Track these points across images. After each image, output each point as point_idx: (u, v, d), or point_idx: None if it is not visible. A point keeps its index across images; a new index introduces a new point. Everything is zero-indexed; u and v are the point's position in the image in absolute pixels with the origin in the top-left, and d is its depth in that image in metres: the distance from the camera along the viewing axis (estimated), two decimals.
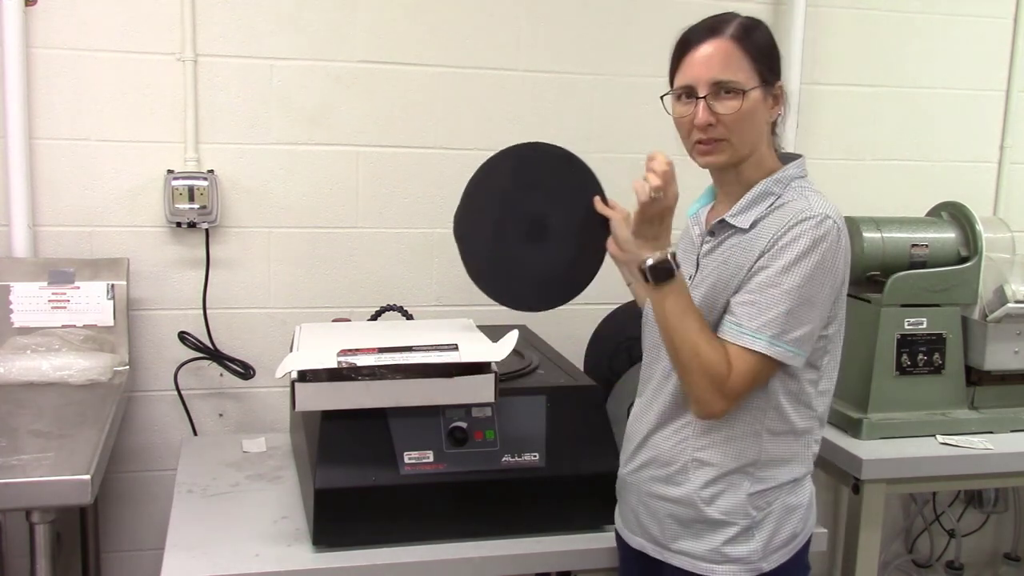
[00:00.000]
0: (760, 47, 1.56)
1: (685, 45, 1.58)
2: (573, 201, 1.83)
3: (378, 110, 2.56)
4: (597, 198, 1.83)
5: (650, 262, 1.51)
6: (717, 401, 1.51)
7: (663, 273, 1.51)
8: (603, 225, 1.82)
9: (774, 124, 1.63)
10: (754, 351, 1.49)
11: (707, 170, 1.65)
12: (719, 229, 1.62)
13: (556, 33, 2.66)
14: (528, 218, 1.83)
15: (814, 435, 1.63)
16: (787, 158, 1.64)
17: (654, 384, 1.67)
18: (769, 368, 1.52)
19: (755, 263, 1.52)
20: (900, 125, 2.98)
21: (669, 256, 1.51)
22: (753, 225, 1.56)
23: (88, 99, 2.38)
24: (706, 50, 1.55)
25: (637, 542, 1.70)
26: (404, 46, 2.56)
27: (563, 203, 1.84)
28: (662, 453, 1.64)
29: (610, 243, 1.81)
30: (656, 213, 1.51)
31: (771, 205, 1.56)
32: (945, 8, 2.96)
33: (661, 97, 1.65)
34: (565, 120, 2.69)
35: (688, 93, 1.57)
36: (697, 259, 1.65)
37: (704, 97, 1.54)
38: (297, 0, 2.47)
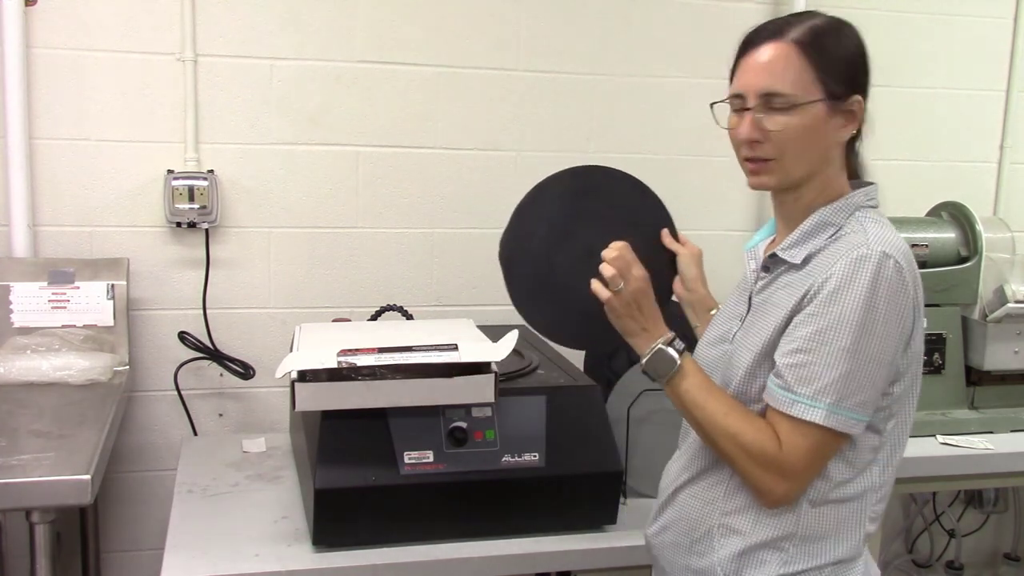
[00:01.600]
0: (831, 54, 1.35)
1: (746, 46, 1.41)
2: (637, 233, 1.63)
3: (378, 110, 2.56)
4: (666, 231, 1.71)
5: (645, 360, 1.40)
6: (777, 484, 1.31)
7: (665, 364, 1.38)
8: (671, 262, 1.70)
9: (852, 144, 1.42)
10: (812, 423, 1.28)
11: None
12: (772, 264, 1.42)
13: (556, 33, 2.66)
14: (583, 247, 1.62)
15: (868, 512, 1.38)
16: (859, 185, 1.43)
17: (691, 436, 1.48)
18: (832, 440, 1.31)
19: (801, 306, 1.32)
20: (900, 125, 2.98)
21: (662, 345, 1.39)
22: (807, 260, 1.35)
23: (88, 99, 2.38)
24: (763, 55, 1.36)
25: None
26: (404, 46, 2.56)
27: (625, 234, 1.61)
28: (687, 514, 1.45)
29: (677, 283, 1.70)
30: (627, 304, 1.41)
31: (830, 237, 1.36)
32: (945, 8, 2.96)
33: (711, 105, 1.47)
34: (565, 120, 2.69)
35: (740, 104, 1.39)
36: (750, 298, 1.46)
37: (752, 109, 1.36)
38: (297, 0, 2.47)
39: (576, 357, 2.32)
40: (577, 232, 1.69)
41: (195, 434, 2.53)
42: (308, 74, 2.51)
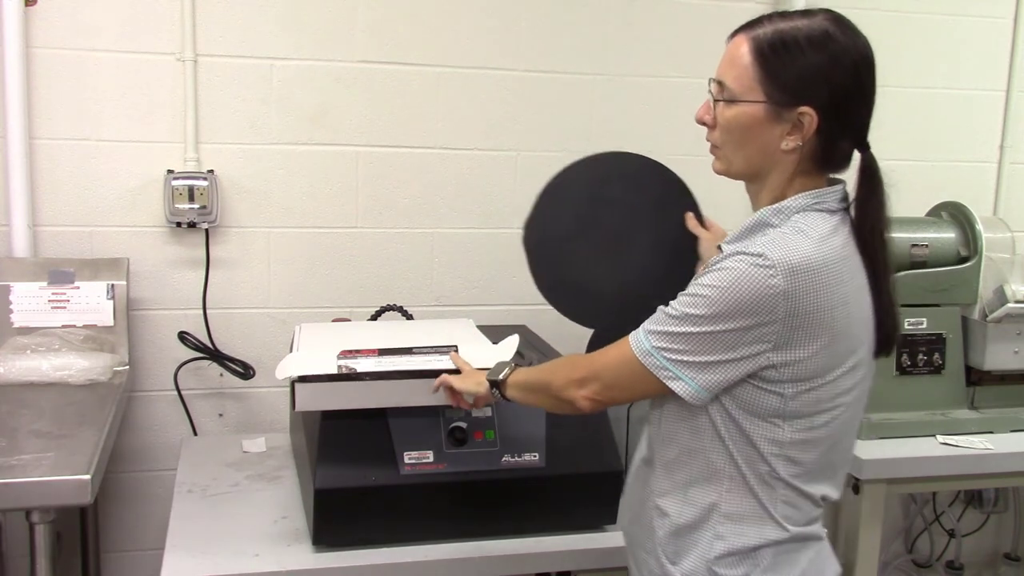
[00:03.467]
0: (783, 61, 1.32)
1: (734, 32, 1.42)
2: (661, 217, 1.68)
3: (378, 110, 2.56)
4: (690, 215, 1.70)
5: (493, 393, 1.63)
6: (573, 386, 1.44)
7: (494, 385, 1.62)
8: (694, 246, 1.69)
9: (820, 156, 1.37)
10: (630, 345, 1.36)
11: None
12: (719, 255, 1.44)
13: (556, 33, 2.66)
14: (607, 233, 1.67)
15: (778, 488, 1.37)
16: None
17: (645, 429, 1.54)
18: (642, 375, 1.35)
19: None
20: (900, 125, 2.98)
21: (485, 390, 1.62)
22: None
23: (88, 99, 2.38)
24: (731, 44, 1.39)
25: None
26: (404, 46, 2.56)
27: (648, 219, 1.68)
28: (633, 498, 1.53)
29: (700, 267, 1.65)
30: (461, 383, 1.67)
31: (762, 236, 1.35)
32: (945, 8, 2.95)
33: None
34: (565, 120, 2.69)
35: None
36: None
37: (714, 97, 1.40)
38: (297, 0, 2.47)
39: None
40: (599, 218, 1.70)
41: (195, 434, 2.52)
42: (308, 74, 2.51)
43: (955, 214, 2.43)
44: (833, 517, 3.02)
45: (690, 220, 1.71)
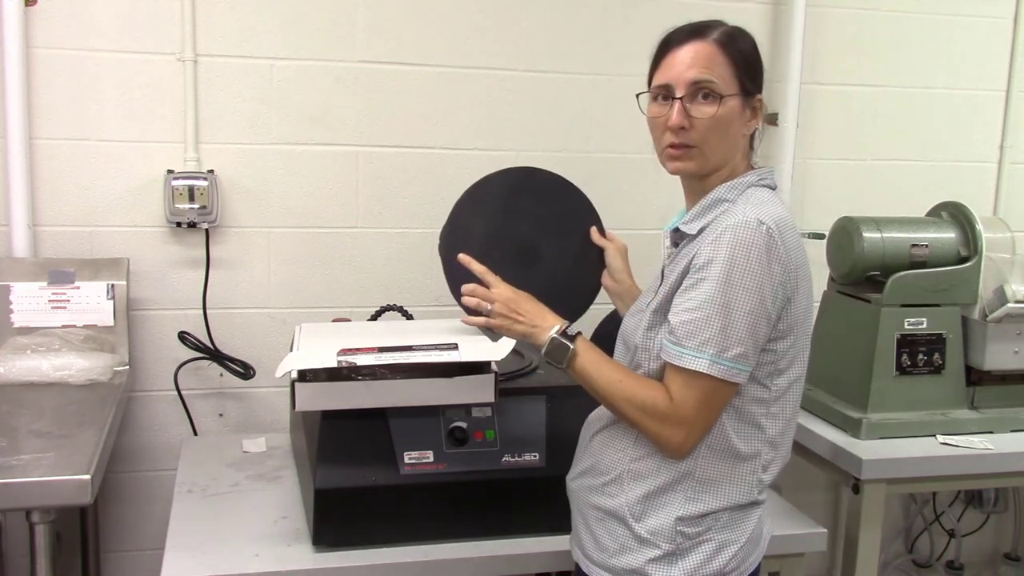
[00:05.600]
0: (744, 56, 1.52)
1: (667, 45, 1.56)
2: (567, 229, 1.83)
3: (378, 110, 2.56)
4: (594, 228, 1.84)
5: (544, 351, 1.54)
6: (673, 434, 1.45)
7: (560, 350, 1.52)
8: (599, 257, 1.84)
9: (752, 139, 1.59)
10: (698, 372, 1.42)
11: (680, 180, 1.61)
12: (677, 238, 1.58)
13: (556, 33, 2.66)
14: (518, 243, 1.83)
15: (761, 460, 1.52)
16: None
17: None
18: (719, 389, 1.44)
19: (688, 270, 1.47)
20: (900, 125, 2.98)
21: (554, 334, 1.53)
22: (701, 231, 1.50)
23: (88, 99, 2.38)
24: (688, 51, 1.52)
25: (575, 554, 1.64)
26: (404, 46, 2.56)
27: (556, 231, 1.83)
28: (600, 461, 1.58)
29: (605, 275, 1.85)
30: (504, 316, 1.58)
31: (722, 211, 1.50)
32: (945, 8, 2.96)
33: (637, 96, 1.63)
34: (565, 120, 2.69)
35: (665, 94, 1.54)
36: (663, 271, 1.60)
37: (681, 98, 1.50)
38: (297, 0, 2.47)
39: None
40: (511, 228, 1.84)
41: (195, 434, 2.53)
42: (308, 74, 2.51)
43: (955, 214, 2.43)
44: (833, 517, 3.03)
45: (594, 233, 1.85)
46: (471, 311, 1.67)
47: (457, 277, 1.79)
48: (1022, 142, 3.08)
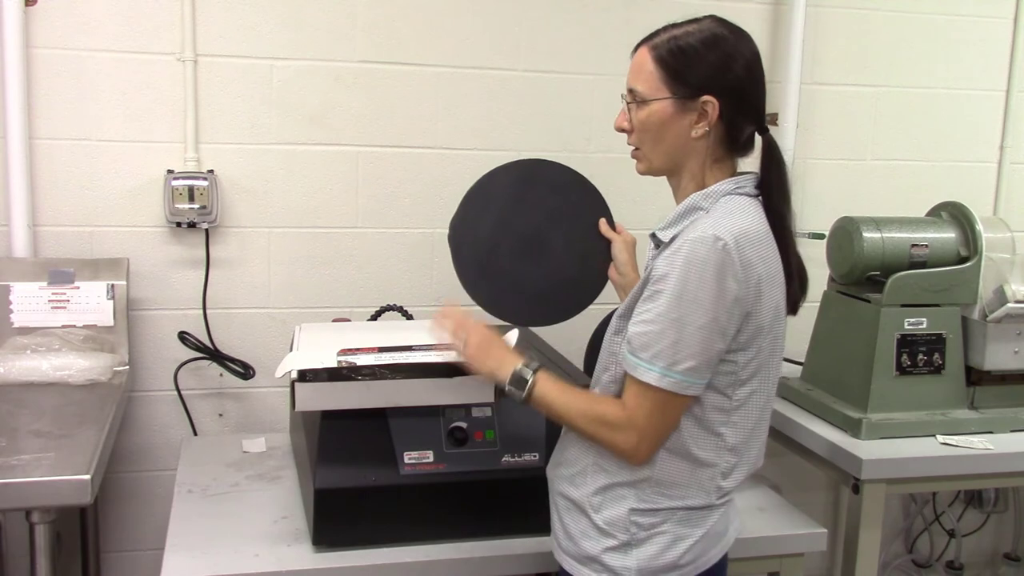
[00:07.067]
0: (677, 59, 1.51)
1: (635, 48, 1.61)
2: (576, 222, 1.84)
3: (378, 110, 2.56)
4: (603, 220, 1.85)
5: (507, 387, 1.57)
6: (627, 441, 1.48)
7: (520, 383, 1.55)
8: (607, 249, 1.85)
9: (728, 140, 1.54)
10: (649, 384, 1.45)
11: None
12: (655, 243, 1.59)
13: (556, 33, 2.66)
14: (527, 234, 1.83)
15: (721, 467, 1.54)
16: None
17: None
18: (671, 400, 1.46)
19: (647, 280, 1.49)
20: (900, 125, 2.98)
21: (516, 369, 1.55)
22: (673, 240, 1.50)
23: (88, 99, 2.38)
24: (635, 57, 1.58)
25: (551, 543, 1.68)
26: (404, 46, 2.56)
27: (565, 223, 1.84)
28: (570, 453, 1.62)
29: (612, 268, 1.85)
30: (476, 355, 1.60)
31: (695, 220, 1.51)
32: (945, 8, 2.96)
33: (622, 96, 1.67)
34: (565, 120, 2.69)
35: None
36: (647, 273, 1.59)
37: (628, 104, 1.58)
38: (297, 0, 2.47)
39: (576, 357, 2.32)
40: (520, 219, 1.84)
41: (195, 434, 2.53)
42: (308, 74, 2.51)
43: (955, 214, 2.43)
44: (833, 517, 3.03)
45: (603, 225, 1.86)
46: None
47: (465, 267, 1.83)
48: (1022, 142, 3.08)
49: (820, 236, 2.52)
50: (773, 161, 1.57)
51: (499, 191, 1.85)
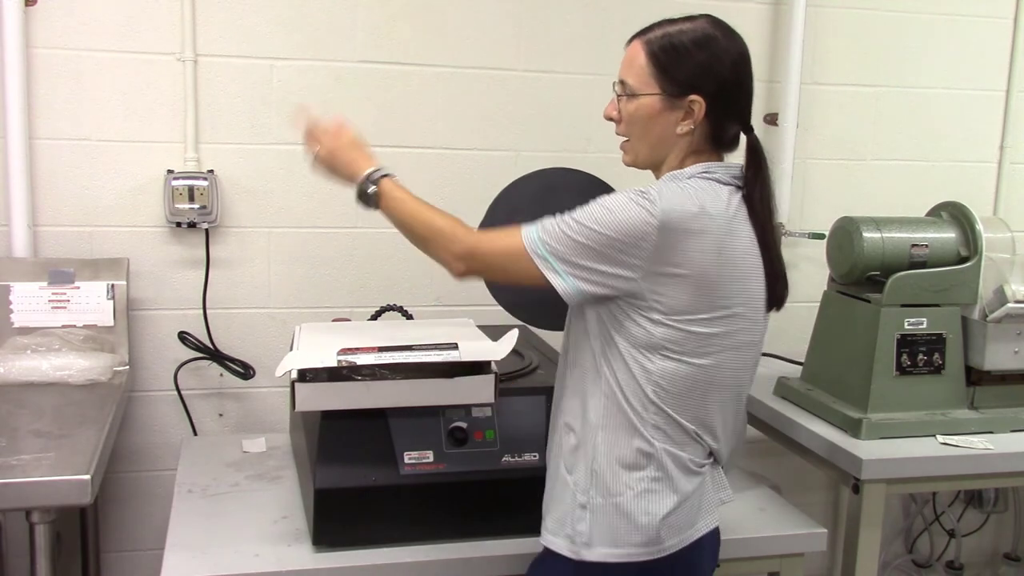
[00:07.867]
0: (668, 56, 1.54)
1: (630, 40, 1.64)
2: None
3: (378, 110, 2.56)
4: None
5: (355, 193, 1.64)
6: (458, 248, 1.55)
7: (367, 187, 1.62)
8: None
9: (712, 137, 1.57)
10: (514, 231, 1.53)
11: None
12: None
13: (555, 33, 2.66)
14: None
15: (650, 412, 1.53)
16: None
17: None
18: (521, 256, 1.52)
19: None
20: (900, 125, 2.98)
21: (364, 176, 1.62)
22: None
23: (88, 99, 2.38)
24: (628, 50, 1.62)
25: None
26: (404, 46, 2.56)
27: None
28: (552, 421, 1.68)
29: None
30: (326, 158, 1.67)
31: None
32: (945, 8, 2.96)
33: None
34: (565, 120, 2.69)
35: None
36: None
37: (619, 95, 1.62)
38: (297, 0, 2.47)
39: None
40: None
41: (195, 434, 2.53)
42: (308, 74, 2.51)
43: (955, 214, 2.43)
44: (833, 517, 3.03)
45: None
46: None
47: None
48: (1022, 142, 3.08)
49: (820, 236, 2.52)
50: (756, 161, 1.59)
51: (524, 200, 1.88)
